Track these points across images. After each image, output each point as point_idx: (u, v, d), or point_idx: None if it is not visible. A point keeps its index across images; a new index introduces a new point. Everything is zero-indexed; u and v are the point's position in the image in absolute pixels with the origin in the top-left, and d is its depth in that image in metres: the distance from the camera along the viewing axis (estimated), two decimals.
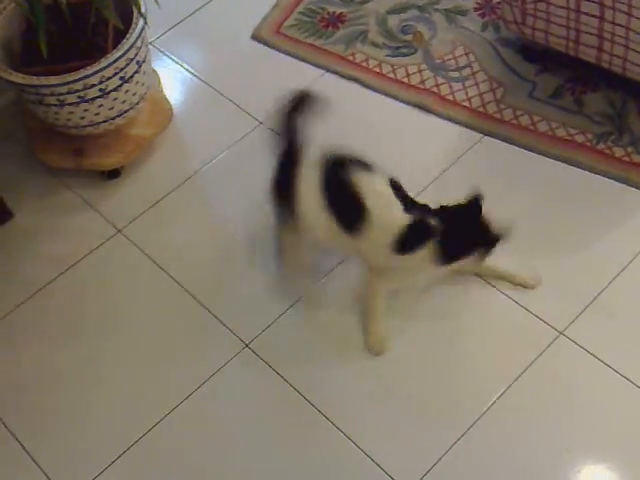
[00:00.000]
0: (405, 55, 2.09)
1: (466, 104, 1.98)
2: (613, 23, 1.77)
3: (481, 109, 1.97)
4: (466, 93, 2.00)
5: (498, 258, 1.61)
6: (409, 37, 2.13)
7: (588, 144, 1.87)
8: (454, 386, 1.58)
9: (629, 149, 1.85)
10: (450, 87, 2.01)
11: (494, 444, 1.49)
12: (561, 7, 1.82)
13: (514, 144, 1.90)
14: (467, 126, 1.95)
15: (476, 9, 2.16)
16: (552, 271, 1.69)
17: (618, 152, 1.85)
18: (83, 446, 1.56)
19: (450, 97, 2.00)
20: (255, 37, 2.20)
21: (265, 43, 2.18)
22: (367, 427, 1.53)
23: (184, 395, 1.60)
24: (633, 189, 1.80)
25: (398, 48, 2.10)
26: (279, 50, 2.16)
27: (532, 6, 1.86)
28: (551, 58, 2.00)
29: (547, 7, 1.85)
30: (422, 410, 1.55)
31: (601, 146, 1.86)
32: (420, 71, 2.05)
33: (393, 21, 2.16)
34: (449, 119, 1.96)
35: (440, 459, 1.48)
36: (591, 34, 1.84)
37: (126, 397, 1.62)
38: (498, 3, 2.08)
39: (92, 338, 1.71)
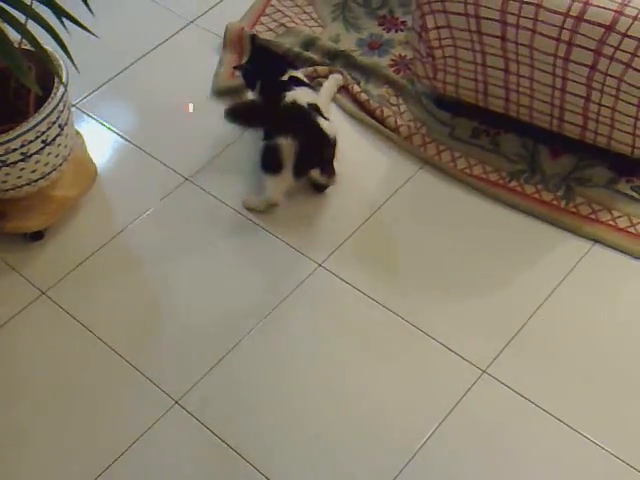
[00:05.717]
0: None
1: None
2: (518, 75, 1.87)
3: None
4: (395, 121, 2.09)
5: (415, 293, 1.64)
6: None
7: (501, 182, 1.95)
8: (378, 433, 1.59)
9: (539, 186, 1.94)
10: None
11: None
12: (469, 62, 1.92)
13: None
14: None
15: (391, 65, 2.25)
16: (472, 309, 1.74)
17: (529, 189, 1.94)
18: None
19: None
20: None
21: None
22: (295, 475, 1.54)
23: (112, 458, 1.57)
24: (553, 227, 1.86)
25: None
26: None
27: (442, 62, 1.96)
28: (463, 108, 2.09)
29: (456, 62, 1.94)
30: (350, 457, 1.56)
31: (513, 183, 1.95)
32: None
33: None
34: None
35: None
36: (498, 86, 1.93)
37: (53, 463, 1.58)
38: (411, 59, 2.17)
39: (16, 404, 1.67)
